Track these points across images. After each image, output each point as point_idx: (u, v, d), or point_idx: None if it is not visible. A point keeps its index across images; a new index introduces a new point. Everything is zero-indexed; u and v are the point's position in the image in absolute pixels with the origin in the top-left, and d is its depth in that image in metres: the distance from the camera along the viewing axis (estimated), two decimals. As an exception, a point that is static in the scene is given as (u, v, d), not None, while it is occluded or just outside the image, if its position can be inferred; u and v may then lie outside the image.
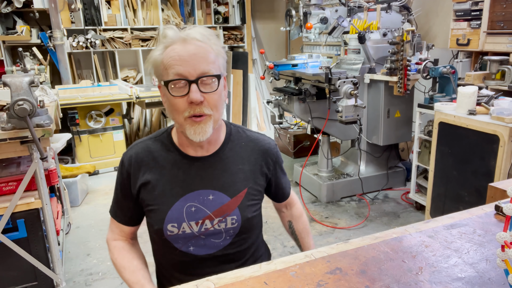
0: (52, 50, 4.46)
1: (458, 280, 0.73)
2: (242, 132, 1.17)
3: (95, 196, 3.62)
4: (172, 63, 0.97)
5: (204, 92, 0.98)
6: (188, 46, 0.97)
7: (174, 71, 0.97)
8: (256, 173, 1.14)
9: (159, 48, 1.01)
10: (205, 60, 0.98)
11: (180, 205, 1.07)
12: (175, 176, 1.08)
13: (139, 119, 5.30)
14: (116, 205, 1.17)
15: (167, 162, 1.09)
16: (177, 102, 0.99)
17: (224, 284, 0.76)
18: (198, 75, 0.97)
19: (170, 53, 0.98)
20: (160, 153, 1.10)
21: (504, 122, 2.12)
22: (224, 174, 1.10)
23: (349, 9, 3.23)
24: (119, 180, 1.14)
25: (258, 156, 1.15)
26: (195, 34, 0.99)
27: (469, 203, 2.33)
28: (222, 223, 1.08)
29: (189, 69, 0.96)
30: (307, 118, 3.20)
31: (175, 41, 0.99)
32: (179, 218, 1.06)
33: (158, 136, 1.14)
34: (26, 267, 2.03)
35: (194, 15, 5.37)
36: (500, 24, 2.78)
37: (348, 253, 0.83)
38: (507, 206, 0.66)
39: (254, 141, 1.17)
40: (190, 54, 0.97)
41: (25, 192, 1.96)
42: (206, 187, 1.08)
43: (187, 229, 1.07)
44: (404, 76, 2.88)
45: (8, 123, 1.81)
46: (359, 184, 3.41)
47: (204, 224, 1.07)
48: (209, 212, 1.07)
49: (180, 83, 0.97)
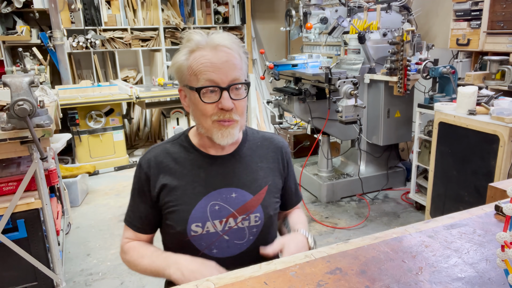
0: (52, 50, 4.46)
1: (458, 280, 0.73)
2: (256, 133, 1.20)
3: (95, 196, 3.63)
4: (203, 69, 0.98)
5: (234, 99, 1.00)
6: (219, 53, 0.99)
7: (206, 77, 0.98)
8: (275, 170, 1.16)
9: (184, 53, 1.01)
10: (235, 67, 1.00)
11: (203, 204, 1.06)
12: (196, 175, 1.08)
13: (139, 119, 5.30)
14: (133, 213, 1.14)
15: (187, 163, 1.09)
16: (207, 107, 1.00)
17: (224, 284, 0.76)
18: (229, 82, 0.99)
19: (201, 59, 0.98)
20: (179, 155, 1.10)
21: (504, 122, 2.12)
22: (245, 171, 1.11)
23: (349, 9, 3.23)
24: (136, 185, 1.12)
25: (274, 154, 1.17)
26: (224, 41, 1.00)
27: (469, 203, 2.33)
28: (245, 221, 1.08)
29: (221, 76, 0.98)
30: (307, 118, 3.20)
31: (204, 46, 0.99)
32: (203, 217, 1.06)
33: (176, 139, 1.14)
34: (26, 267, 2.02)
35: (194, 15, 5.37)
36: (500, 24, 2.78)
37: (348, 253, 0.83)
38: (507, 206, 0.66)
39: (269, 139, 1.19)
40: (222, 61, 0.98)
41: (25, 192, 1.96)
42: (229, 185, 1.09)
43: (211, 228, 1.06)
44: (404, 76, 2.88)
45: (8, 123, 1.81)
46: (359, 184, 3.41)
47: (228, 223, 1.07)
48: (233, 210, 1.08)
49: (212, 90, 0.99)
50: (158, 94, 4.30)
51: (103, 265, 2.53)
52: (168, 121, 4.55)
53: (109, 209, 3.34)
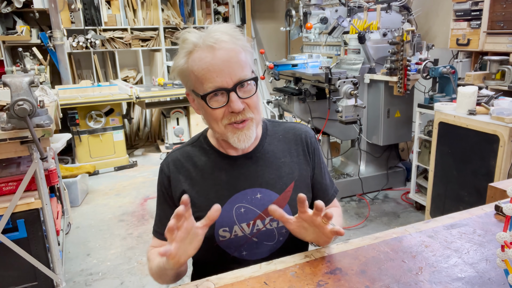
0: (52, 50, 4.46)
1: (458, 280, 0.73)
2: (277, 126, 1.13)
3: (95, 196, 3.62)
4: (207, 75, 0.91)
5: (243, 98, 0.94)
6: (218, 52, 0.91)
7: (211, 85, 0.91)
8: (300, 163, 1.09)
9: (182, 55, 0.95)
10: (239, 64, 0.92)
11: (228, 208, 1.02)
12: (218, 178, 1.04)
13: (139, 119, 5.30)
14: (159, 221, 1.08)
15: (208, 166, 1.05)
16: (215, 113, 0.94)
17: (224, 284, 0.76)
18: (235, 82, 0.92)
19: (200, 63, 0.92)
20: (199, 158, 1.06)
21: (504, 122, 2.12)
22: (268, 170, 1.05)
23: (349, 9, 3.23)
24: (160, 192, 1.07)
25: (297, 145, 1.10)
26: (222, 36, 0.92)
27: (469, 203, 2.33)
28: (274, 221, 1.03)
29: (225, 78, 0.91)
30: (307, 118, 3.20)
31: (201, 46, 0.92)
32: (229, 221, 1.02)
33: (195, 141, 1.10)
34: (26, 267, 2.02)
35: (194, 15, 5.37)
36: (500, 24, 2.78)
37: (348, 253, 0.83)
38: (507, 206, 0.66)
39: (291, 130, 1.12)
40: (223, 61, 0.91)
41: (25, 192, 1.96)
42: (252, 185, 1.04)
43: (239, 232, 1.02)
44: (404, 76, 2.88)
45: (8, 123, 1.81)
46: (359, 184, 3.41)
47: (256, 225, 1.03)
48: (259, 212, 1.03)
49: (218, 93, 0.93)
50: (158, 94, 4.30)
51: (103, 265, 2.53)
52: (168, 121, 4.55)
53: (109, 209, 3.34)
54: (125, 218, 3.15)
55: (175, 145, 4.58)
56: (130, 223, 3.07)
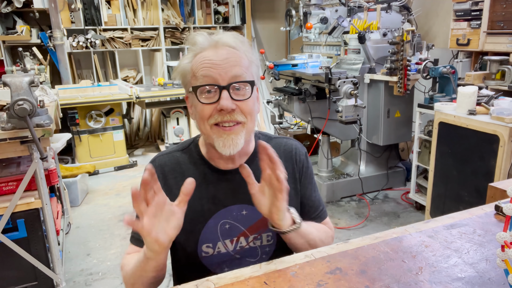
0: (52, 50, 4.46)
1: (458, 280, 0.73)
2: (269, 140, 1.09)
3: (95, 196, 3.62)
4: (201, 66, 0.90)
5: (236, 99, 0.90)
6: (220, 50, 0.91)
7: (203, 73, 0.89)
8: (289, 182, 1.02)
9: (188, 56, 0.94)
10: (237, 64, 0.90)
11: (213, 223, 0.99)
12: (205, 191, 1.00)
13: (139, 119, 5.31)
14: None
15: (196, 177, 0.96)
16: (204, 108, 0.90)
17: (224, 284, 0.76)
18: (230, 79, 0.89)
19: (200, 59, 0.91)
20: (188, 167, 1.02)
21: (504, 122, 2.12)
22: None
23: (349, 9, 3.23)
24: None
25: (288, 162, 1.06)
26: (227, 39, 0.92)
27: (469, 203, 2.33)
28: (257, 240, 1.01)
29: (220, 72, 0.88)
30: (307, 118, 3.20)
31: (206, 47, 0.92)
32: (214, 237, 0.99)
33: (186, 147, 1.06)
34: (26, 267, 2.02)
35: (194, 15, 5.37)
36: (500, 24, 2.78)
37: (348, 253, 0.83)
38: (507, 206, 0.66)
39: (281, 147, 1.08)
40: (222, 59, 0.90)
41: (25, 192, 1.96)
42: (239, 201, 1.00)
43: (222, 248, 1.00)
44: (404, 76, 2.88)
45: (8, 123, 1.81)
46: (359, 184, 3.41)
47: (239, 242, 1.01)
48: (244, 229, 1.00)
49: (210, 89, 0.90)
50: (158, 94, 4.30)
51: (103, 265, 2.53)
52: (168, 121, 4.55)
53: (109, 209, 3.34)
54: (125, 218, 3.15)
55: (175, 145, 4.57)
56: (130, 223, 3.06)
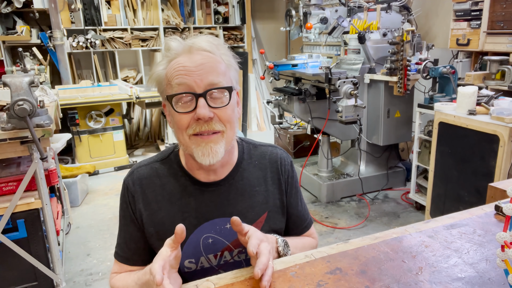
0: (52, 50, 4.46)
1: (458, 280, 0.73)
2: (254, 149, 1.04)
3: (95, 196, 3.62)
4: (175, 74, 0.86)
5: (213, 107, 0.86)
6: (194, 56, 0.86)
7: (178, 81, 0.85)
8: (275, 192, 1.02)
9: (163, 63, 0.90)
10: (214, 70, 0.86)
11: (195, 238, 0.95)
12: (186, 205, 0.95)
13: (139, 119, 5.31)
14: (124, 243, 0.99)
15: (176, 190, 0.96)
16: (181, 118, 0.86)
17: (224, 284, 0.76)
18: (206, 87, 0.85)
19: (174, 66, 0.87)
20: (168, 179, 0.97)
21: (504, 122, 2.12)
22: (241, 198, 0.97)
23: (349, 9, 3.23)
24: (127, 211, 0.98)
25: (273, 173, 1.03)
26: (201, 43, 0.88)
27: (469, 203, 2.33)
28: (242, 254, 0.98)
29: (195, 79, 0.84)
30: (307, 118, 3.20)
31: (180, 53, 0.88)
32: (196, 252, 0.95)
33: (165, 158, 1.01)
34: (26, 267, 2.02)
35: (194, 15, 5.37)
36: (500, 24, 2.78)
37: (348, 253, 0.83)
38: (507, 206, 0.66)
39: (266, 156, 1.04)
40: (197, 65, 0.85)
41: (25, 192, 1.96)
42: (222, 215, 0.96)
43: (206, 263, 0.96)
44: (404, 76, 2.88)
45: (8, 123, 1.81)
46: (359, 184, 3.41)
47: (224, 256, 0.97)
48: (228, 243, 0.96)
49: (185, 97, 0.86)
50: (158, 94, 4.30)
51: (103, 265, 2.53)
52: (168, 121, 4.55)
53: (109, 209, 3.34)
54: (125, 218, 3.15)
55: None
56: (130, 223, 3.07)
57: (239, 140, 1.04)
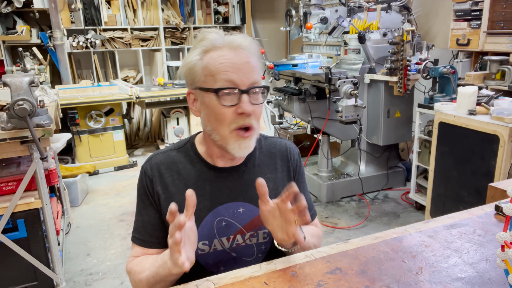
0: (52, 50, 4.46)
1: (458, 280, 0.73)
2: (264, 140, 1.11)
3: (95, 196, 3.62)
4: (223, 69, 0.90)
5: (253, 103, 0.93)
6: (240, 53, 0.92)
7: (226, 77, 0.90)
8: (284, 180, 1.08)
9: (197, 52, 0.94)
10: (255, 69, 0.93)
11: (209, 220, 0.99)
12: (201, 188, 1.00)
13: (139, 119, 5.30)
14: (142, 227, 1.03)
15: (192, 175, 1.02)
16: (225, 112, 0.91)
17: (224, 284, 0.76)
18: (250, 84, 0.91)
19: (219, 59, 0.91)
20: (184, 165, 1.03)
21: (504, 122, 2.12)
22: (253, 184, 0.98)
23: (349, 9, 3.23)
24: (144, 195, 1.03)
25: (283, 161, 1.10)
26: (244, 42, 0.94)
27: (469, 203, 2.33)
28: (253, 237, 1.02)
29: (242, 77, 0.90)
30: (307, 118, 3.20)
31: (221, 46, 0.93)
32: (210, 234, 0.99)
33: (181, 147, 1.07)
34: (26, 267, 2.03)
35: (194, 15, 5.37)
36: (500, 24, 2.78)
37: (348, 253, 0.83)
38: (507, 206, 0.66)
39: (276, 146, 1.11)
40: (243, 62, 0.91)
41: (25, 192, 1.96)
42: (236, 199, 1.01)
43: (218, 246, 1.00)
44: (404, 76, 2.88)
45: (8, 123, 1.81)
46: (359, 184, 3.41)
47: (236, 240, 1.01)
48: (240, 226, 1.01)
49: (231, 92, 0.91)
50: (158, 94, 4.30)
51: (103, 265, 2.53)
52: (168, 121, 4.55)
53: (109, 209, 3.34)
54: (125, 218, 3.15)
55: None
56: (130, 223, 3.07)
57: None
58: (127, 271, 1.03)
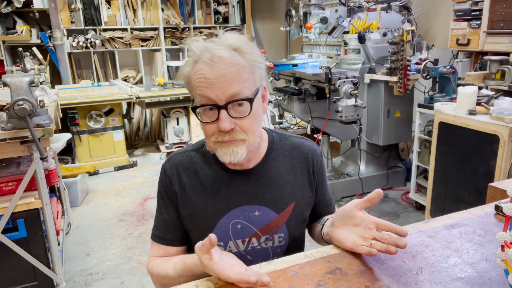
0: (52, 50, 4.46)
1: (458, 280, 0.73)
2: (285, 139, 1.08)
3: (95, 196, 3.62)
4: (198, 85, 0.88)
5: (235, 117, 0.89)
6: (215, 66, 0.86)
7: (201, 93, 0.88)
8: (304, 184, 1.06)
9: (188, 63, 0.92)
10: (235, 80, 0.86)
11: (225, 223, 1.00)
12: (217, 191, 1.01)
13: (139, 119, 5.30)
14: (162, 225, 1.04)
15: (209, 177, 1.02)
16: (206, 127, 0.91)
17: (224, 284, 0.76)
18: (227, 99, 0.87)
19: (197, 73, 0.88)
20: (202, 166, 1.03)
21: (504, 122, 2.12)
22: (270, 187, 1.02)
23: (349, 9, 3.23)
24: (165, 194, 1.04)
25: (303, 164, 1.07)
26: (221, 51, 0.87)
27: (469, 203, 2.33)
28: (269, 241, 1.02)
29: (216, 92, 0.86)
30: (307, 118, 3.20)
31: (201, 58, 0.88)
32: (225, 236, 1.00)
33: (200, 148, 1.06)
34: (26, 267, 2.02)
35: (194, 15, 5.37)
36: (500, 24, 2.78)
37: (348, 253, 0.83)
38: (507, 206, 0.66)
39: (298, 147, 1.08)
40: (218, 76, 0.86)
41: (25, 192, 1.96)
42: (251, 202, 1.00)
43: (234, 248, 1.01)
44: (404, 76, 2.88)
45: (8, 123, 1.81)
46: (359, 184, 3.41)
47: (251, 243, 1.01)
48: (256, 230, 1.01)
49: (207, 109, 0.89)
50: (158, 94, 4.30)
51: (103, 265, 2.53)
52: (168, 121, 4.55)
53: (109, 209, 3.34)
54: (125, 218, 3.15)
55: (175, 145, 4.58)
56: (130, 223, 3.07)
57: (268, 131, 1.08)
58: (149, 272, 1.04)
